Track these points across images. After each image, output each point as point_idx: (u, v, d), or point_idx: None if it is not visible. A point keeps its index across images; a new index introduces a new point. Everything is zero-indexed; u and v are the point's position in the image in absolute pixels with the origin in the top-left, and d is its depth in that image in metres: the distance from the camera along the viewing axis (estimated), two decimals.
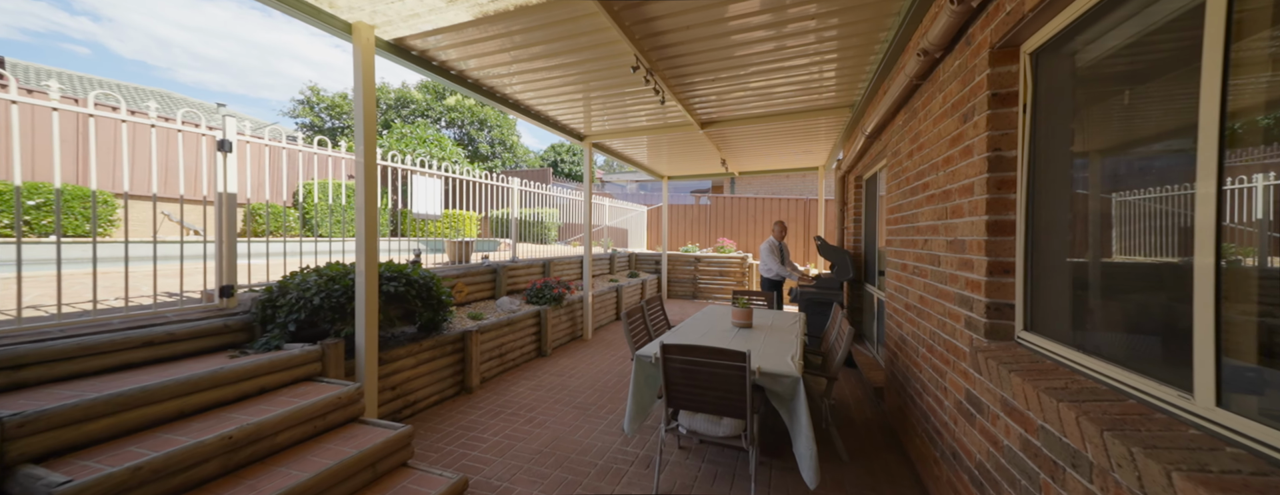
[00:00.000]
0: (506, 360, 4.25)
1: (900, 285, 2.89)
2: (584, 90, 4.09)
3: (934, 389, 2.18)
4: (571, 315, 5.50)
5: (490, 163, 17.51)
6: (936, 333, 2.16)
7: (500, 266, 5.13)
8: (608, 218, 9.64)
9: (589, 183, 5.61)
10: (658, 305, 4.03)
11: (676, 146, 6.42)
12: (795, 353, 2.59)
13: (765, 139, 5.83)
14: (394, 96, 15.75)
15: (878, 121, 3.23)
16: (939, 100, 2.17)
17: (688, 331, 3.13)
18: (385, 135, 10.87)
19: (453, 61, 3.32)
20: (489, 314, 4.45)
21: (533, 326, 4.68)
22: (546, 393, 3.76)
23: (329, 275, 2.76)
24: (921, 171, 2.44)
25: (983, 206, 1.66)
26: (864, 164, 4.53)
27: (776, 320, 3.64)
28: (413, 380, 3.21)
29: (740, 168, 8.29)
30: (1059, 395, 1.11)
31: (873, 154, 3.96)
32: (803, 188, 14.01)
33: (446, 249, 4.98)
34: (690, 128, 5.00)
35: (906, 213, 2.76)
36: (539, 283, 5.19)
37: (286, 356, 2.30)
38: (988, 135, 1.62)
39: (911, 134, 2.66)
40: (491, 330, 4.00)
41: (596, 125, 5.17)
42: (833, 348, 3.08)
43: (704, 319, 3.64)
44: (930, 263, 2.27)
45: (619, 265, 9.05)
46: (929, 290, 2.29)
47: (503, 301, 4.73)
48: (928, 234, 2.33)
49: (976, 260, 1.71)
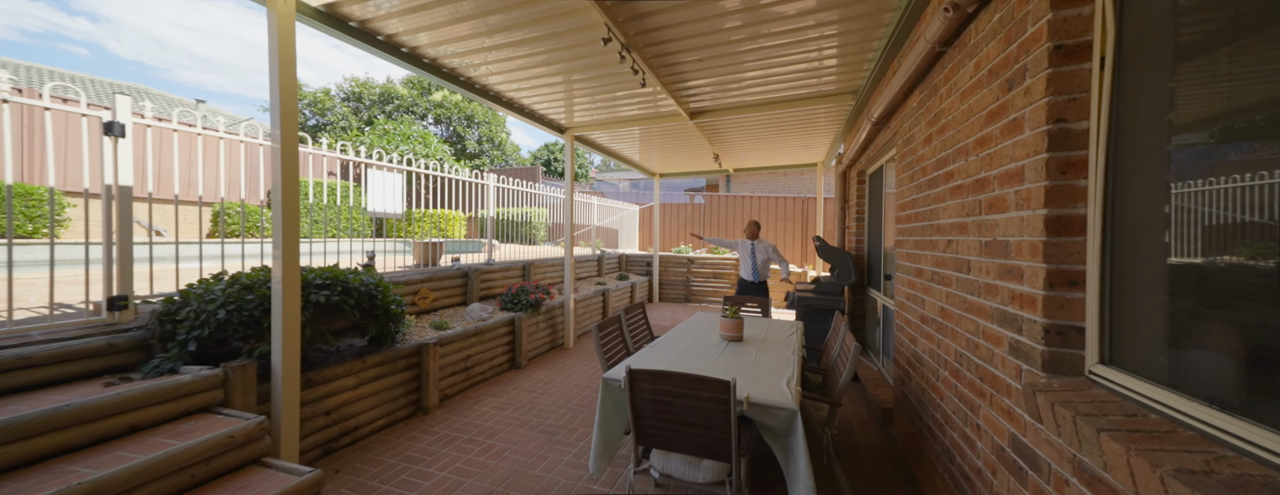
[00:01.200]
0: (473, 374, 3.84)
1: (914, 294, 2.49)
2: (563, 76, 3.69)
3: (961, 423, 1.78)
4: (551, 322, 5.09)
5: (478, 161, 17.05)
6: (965, 355, 1.76)
7: (472, 270, 4.71)
8: (596, 217, 9.23)
9: (570, 179, 5.20)
10: (640, 314, 3.63)
11: (667, 140, 6.02)
12: (792, 375, 2.18)
13: (760, 132, 5.43)
14: (378, 92, 15.26)
15: (887, 105, 2.83)
16: (970, 69, 1.77)
17: (668, 347, 2.73)
18: (367, 132, 10.44)
19: (402, 36, 2.90)
20: (456, 323, 4.03)
21: (505, 336, 4.27)
22: (513, 412, 3.34)
23: (245, 283, 2.34)
24: (944, 159, 2.04)
25: (1039, 197, 1.25)
26: (868, 156, 4.13)
27: (771, 331, 3.23)
28: (354, 402, 2.79)
29: (735, 164, 7.89)
30: (1206, 488, 0.71)
31: (879, 144, 3.57)
32: (800, 186, 13.63)
33: (413, 251, 4.56)
34: (679, 118, 4.60)
35: (922, 209, 2.36)
36: (515, 287, 4.78)
37: (172, 384, 1.88)
38: (1047, 102, 1.22)
39: (929, 115, 2.26)
40: (455, 342, 3.59)
41: (579, 116, 4.77)
42: (835, 365, 2.68)
43: (690, 330, 3.23)
44: (956, 269, 1.87)
45: (608, 267, 8.64)
46: (954, 302, 1.89)
47: (473, 308, 4.32)
48: (952, 234, 1.93)
49: (1028, 268, 1.30)
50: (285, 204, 2.18)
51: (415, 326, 3.76)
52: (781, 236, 10.04)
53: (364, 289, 2.73)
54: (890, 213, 3.78)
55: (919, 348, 2.39)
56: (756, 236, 5.12)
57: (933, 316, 2.16)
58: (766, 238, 10.20)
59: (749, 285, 5.12)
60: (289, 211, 2.19)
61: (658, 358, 2.49)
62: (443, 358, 3.48)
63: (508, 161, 18.22)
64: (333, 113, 14.00)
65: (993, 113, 1.56)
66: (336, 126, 13.51)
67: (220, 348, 2.26)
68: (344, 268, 2.89)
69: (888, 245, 3.85)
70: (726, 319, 2.92)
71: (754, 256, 5.03)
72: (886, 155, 3.67)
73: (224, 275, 2.38)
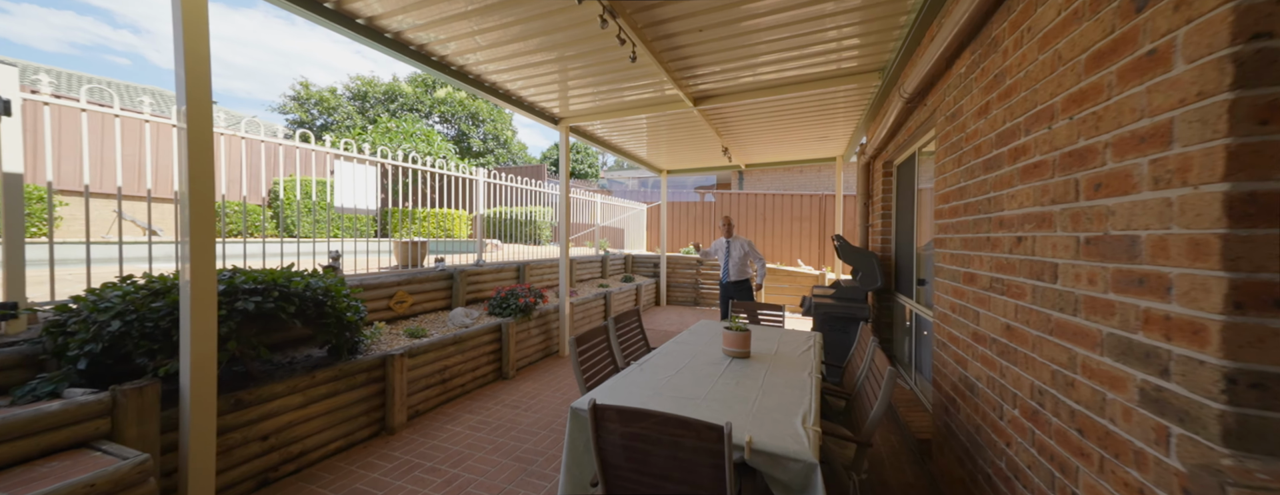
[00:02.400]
0: (451, 388, 3.46)
1: (962, 304, 2.00)
2: (557, 63, 3.32)
3: (1045, 485, 1.30)
4: (544, 328, 4.70)
5: (483, 159, 16.79)
6: (1050, 393, 1.29)
7: (458, 271, 4.35)
8: (600, 216, 8.83)
9: (565, 173, 4.80)
10: (634, 321, 3.20)
11: (672, 132, 5.58)
12: (808, 409, 1.73)
13: (773, 121, 4.95)
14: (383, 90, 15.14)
15: (923, 77, 2.35)
16: (1051, 4, 1.30)
17: (660, 365, 2.29)
18: (370, 130, 10.24)
19: (383, 19, 2.55)
20: (435, 330, 3.66)
21: (490, 343, 3.89)
22: (489, 433, 2.95)
23: (155, 288, 1.99)
24: (1011, 131, 1.56)
25: (1211, 165, 0.79)
26: (897, 144, 3.63)
27: (784, 345, 2.77)
28: (299, 424, 2.42)
29: (747, 159, 7.41)
30: None
31: (911, 128, 3.07)
32: (818, 183, 13.03)
33: (394, 251, 4.21)
34: (681, 105, 4.16)
35: (974, 198, 1.88)
36: (504, 290, 4.40)
37: (30, 415, 1.52)
38: (1232, 8, 0.75)
39: (986, 79, 1.79)
40: (428, 352, 3.21)
41: (574, 104, 4.36)
42: (863, 391, 2.21)
43: (690, 342, 2.79)
44: (1032, 275, 1.40)
45: (613, 268, 8.23)
46: (1030, 319, 1.41)
47: (456, 314, 3.95)
48: (1024, 228, 1.45)
49: (1183, 277, 0.84)
50: (195, 194, 1.81)
51: (387, 334, 3.39)
52: (797, 236, 9.50)
53: (309, 294, 2.36)
54: (925, 208, 3.28)
55: (970, 372, 1.91)
56: (731, 234, 4.89)
57: (992, 335, 1.68)
58: (780, 238, 9.68)
59: (728, 287, 4.83)
60: (200, 203, 1.82)
61: (645, 380, 2.06)
62: (414, 370, 3.10)
63: (514, 160, 17.94)
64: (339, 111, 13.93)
65: (1102, 53, 1.09)
66: (342, 125, 13.43)
67: (124, 365, 1.91)
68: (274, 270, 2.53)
69: (921, 245, 3.35)
70: (730, 332, 2.47)
71: (730, 254, 4.80)
72: (920, 140, 3.17)
73: (129, 279, 2.02)
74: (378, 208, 3.66)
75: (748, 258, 4.79)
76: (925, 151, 3.26)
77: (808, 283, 7.80)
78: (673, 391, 1.92)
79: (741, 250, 4.79)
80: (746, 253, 4.79)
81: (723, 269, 4.85)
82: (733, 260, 4.77)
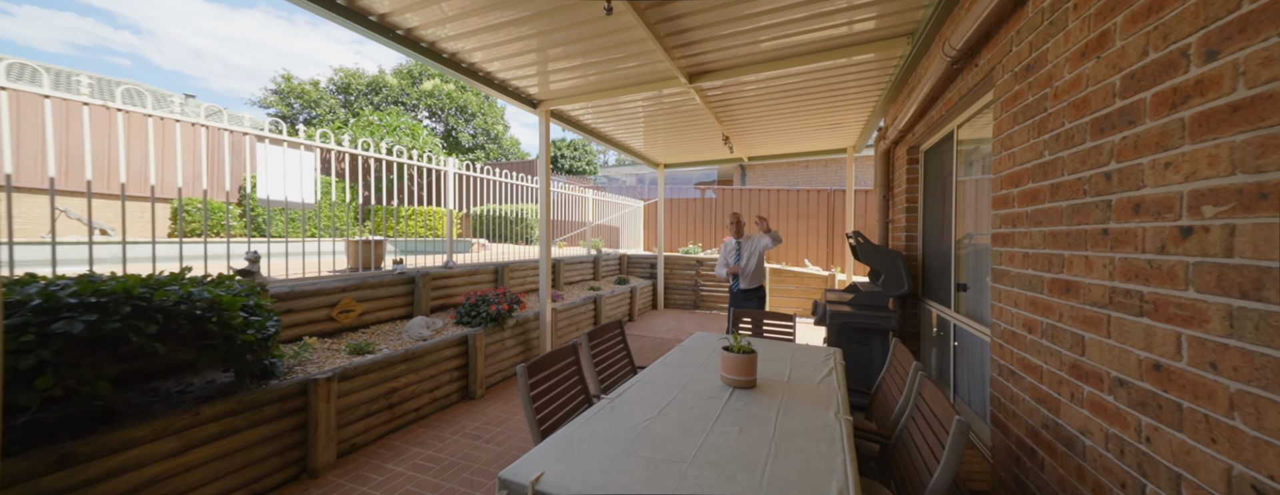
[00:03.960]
0: (402, 413, 2.92)
1: (1050, 324, 1.45)
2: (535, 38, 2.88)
3: None
4: (523, 338, 4.16)
5: (474, 155, 16.20)
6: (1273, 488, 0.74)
7: (420, 275, 3.81)
8: (591, 213, 8.29)
9: (545, 162, 4.26)
10: (616, 336, 2.66)
11: (668, 119, 5.04)
12: (844, 481, 1.18)
13: (778, 104, 4.40)
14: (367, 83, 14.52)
15: (979, 26, 1.80)
16: None
17: (637, 402, 1.74)
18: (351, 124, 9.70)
19: None
20: (386, 344, 3.13)
21: (454, 358, 3.35)
22: (439, 473, 2.41)
23: None
24: (1163, 65, 1.01)
25: None
26: (929, 124, 3.07)
27: (797, 367, 2.22)
28: (175, 477, 1.88)
29: (749, 151, 6.85)
30: None
31: (952, 99, 2.51)
32: (825, 179, 12.45)
33: (346, 251, 3.68)
34: (675, 82, 3.61)
35: (1074, 175, 1.33)
36: (473, 296, 3.86)
37: None
38: None
39: (1093, 5, 1.23)
40: (369, 372, 2.67)
41: (555, 82, 3.82)
42: (906, 439, 1.65)
43: (682, 362, 2.24)
44: (1223, 289, 0.85)
45: (606, 269, 7.69)
46: (1231, 362, 0.86)
47: (413, 325, 3.41)
48: (1205, 212, 0.90)
49: None
50: None
51: (324, 351, 2.86)
52: (803, 234, 8.94)
53: (184, 307, 1.82)
54: (966, 199, 2.72)
55: (1067, 420, 1.35)
56: (742, 233, 4.28)
57: (1118, 374, 1.13)
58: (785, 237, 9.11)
59: (738, 296, 4.24)
60: None
61: (614, 427, 1.51)
62: (349, 395, 2.57)
63: (506, 156, 17.37)
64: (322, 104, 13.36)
65: None
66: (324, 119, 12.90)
67: None
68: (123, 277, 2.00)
69: (958, 238, 2.79)
70: (731, 354, 1.92)
71: (742, 257, 4.18)
72: (963, 114, 2.61)
73: None
74: (317, 201, 3.12)
75: (763, 256, 4.23)
76: (969, 132, 2.71)
77: (815, 285, 7.24)
78: (650, 448, 1.37)
79: (757, 250, 4.18)
80: (763, 249, 4.19)
81: (747, 272, 4.20)
82: (748, 264, 4.17)
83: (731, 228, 4.30)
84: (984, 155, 2.48)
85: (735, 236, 4.29)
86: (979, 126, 2.54)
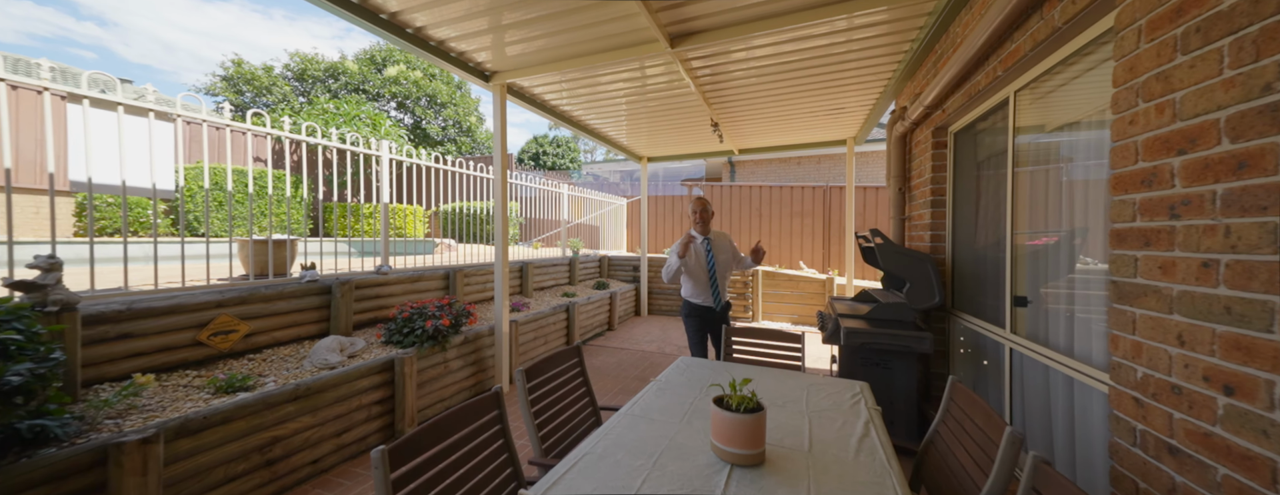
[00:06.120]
0: (287, 471, 2.20)
1: (1269, 379, 0.81)
2: None
3: None
4: (474, 359, 3.45)
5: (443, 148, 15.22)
6: None
7: (338, 283, 3.07)
8: (566, 211, 7.58)
9: (500, 144, 3.55)
10: (574, 367, 1.99)
11: (651, 104, 4.38)
12: None
13: (775, 85, 3.77)
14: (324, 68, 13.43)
15: None
16: None
17: (597, 476, 1.06)
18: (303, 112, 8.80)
19: None
20: (276, 374, 2.40)
21: (374, 391, 2.63)
22: None
23: None
24: None
25: None
26: (969, 95, 2.45)
27: (817, 418, 1.57)
28: None
29: (741, 142, 6.23)
30: None
31: (1016, 51, 1.88)
32: (817, 177, 11.91)
33: (238, 254, 2.93)
34: (655, 46, 2.96)
35: None
36: (407, 309, 3.14)
37: None
38: None
39: None
40: (229, 422, 1.94)
41: (511, 47, 3.12)
42: None
43: (659, 414, 1.57)
44: None
45: (584, 272, 7.01)
46: None
47: (320, 348, 2.69)
48: None
49: None
50: None
51: (174, 390, 2.11)
52: (798, 234, 8.35)
53: None
54: (1028, 186, 2.10)
55: None
56: (708, 228, 3.09)
57: None
58: (778, 237, 8.51)
59: (707, 313, 3.05)
60: None
61: None
62: (195, 458, 1.84)
63: (479, 150, 16.46)
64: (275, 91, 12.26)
65: None
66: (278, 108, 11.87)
67: None
68: None
69: (1014, 238, 2.17)
70: (727, 415, 1.25)
71: (714, 262, 3.03)
72: (1043, 65, 1.97)
73: None
74: (179, 188, 2.37)
75: (732, 263, 3.17)
76: (1031, 100, 2.09)
77: (811, 289, 6.65)
78: None
79: (727, 252, 3.12)
80: (732, 256, 3.16)
81: (709, 286, 3.01)
82: (718, 272, 3.05)
83: (695, 218, 3.08)
84: (1063, 124, 1.86)
85: (701, 231, 3.08)
86: (1050, 89, 1.93)
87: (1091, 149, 1.66)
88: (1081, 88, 1.73)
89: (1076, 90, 1.77)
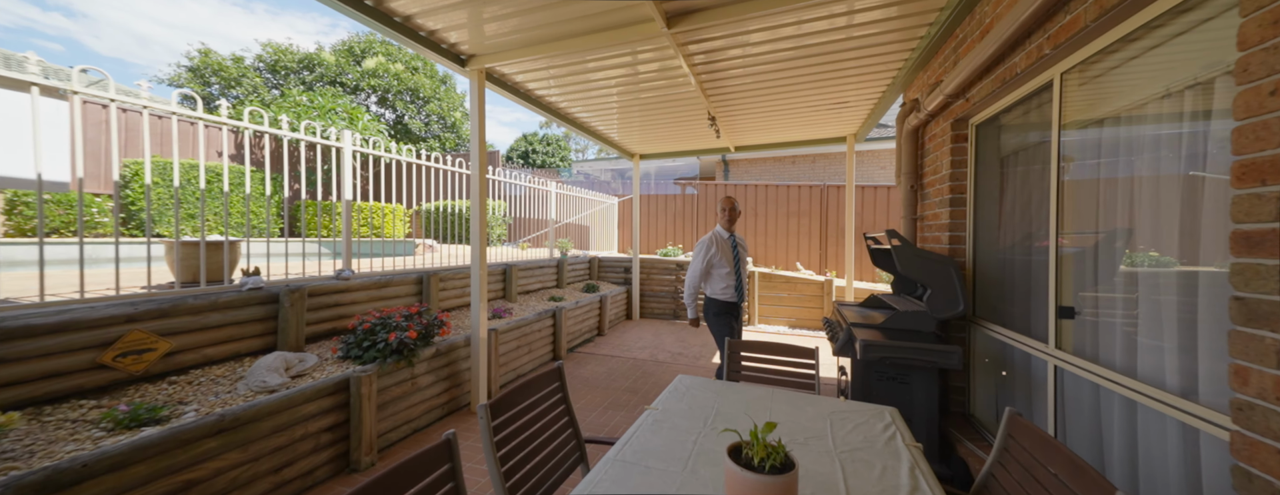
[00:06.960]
0: None
1: None
2: None
3: None
4: (448, 374, 3.11)
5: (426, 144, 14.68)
6: None
7: (286, 290, 2.70)
8: (554, 210, 7.24)
9: (478, 138, 3.21)
10: (554, 392, 1.66)
11: (645, 96, 4.07)
12: None
13: (776, 75, 3.47)
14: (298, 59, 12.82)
15: None
16: None
17: None
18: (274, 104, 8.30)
19: None
20: (203, 400, 2.04)
21: (323, 417, 2.28)
22: None
23: None
24: None
25: None
26: (1000, 81, 2.17)
27: (852, 467, 1.26)
28: None
29: (738, 139, 5.94)
30: None
31: (1072, 23, 1.60)
32: (812, 176, 11.70)
33: (166, 257, 2.55)
34: (649, 28, 2.65)
35: None
36: (370, 320, 2.79)
37: None
38: None
39: None
40: (122, 469, 1.58)
41: (490, 26, 2.79)
42: None
43: (655, 457, 1.25)
44: None
45: (573, 275, 6.67)
46: None
47: (261, 366, 2.32)
48: None
49: None
50: None
51: (53, 429, 1.73)
52: (794, 235, 8.10)
53: None
54: (1076, 181, 1.83)
55: None
56: (734, 225, 3.39)
57: None
58: (774, 237, 8.25)
59: (733, 308, 3.27)
60: None
61: None
62: None
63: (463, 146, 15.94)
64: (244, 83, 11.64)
65: None
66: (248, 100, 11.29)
67: None
68: None
69: (1059, 241, 1.90)
70: (745, 475, 0.94)
71: (739, 259, 3.30)
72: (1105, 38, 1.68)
73: None
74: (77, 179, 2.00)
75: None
76: (1078, 82, 1.81)
77: (809, 291, 6.39)
78: None
79: (745, 248, 3.48)
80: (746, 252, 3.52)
81: (734, 280, 3.22)
82: (743, 267, 3.35)
83: (723, 217, 3.32)
84: (1129, 105, 1.58)
85: (727, 228, 3.33)
86: (1112, 65, 1.65)
87: (1171, 134, 1.39)
88: (1157, 61, 1.45)
89: (1148, 65, 1.49)
